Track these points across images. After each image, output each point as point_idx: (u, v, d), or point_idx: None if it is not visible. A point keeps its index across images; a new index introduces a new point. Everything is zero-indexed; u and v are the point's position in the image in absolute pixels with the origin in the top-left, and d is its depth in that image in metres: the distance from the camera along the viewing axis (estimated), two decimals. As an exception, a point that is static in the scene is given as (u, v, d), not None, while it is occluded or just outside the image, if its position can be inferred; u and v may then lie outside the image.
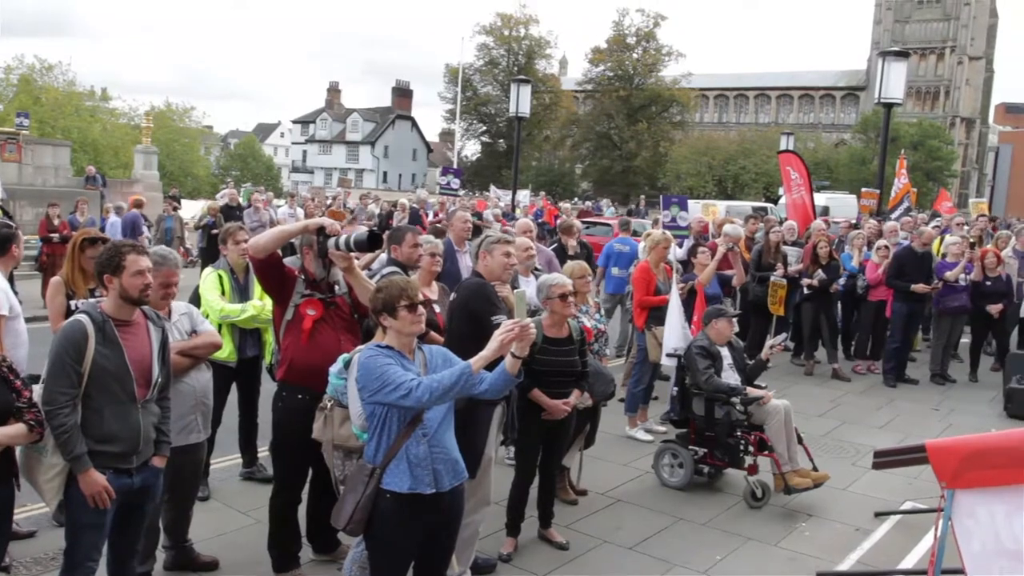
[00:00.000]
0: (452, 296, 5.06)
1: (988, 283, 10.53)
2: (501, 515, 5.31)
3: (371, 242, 4.38)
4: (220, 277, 5.80)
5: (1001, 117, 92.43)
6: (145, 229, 15.95)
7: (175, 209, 18.62)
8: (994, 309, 10.46)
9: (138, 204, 16.29)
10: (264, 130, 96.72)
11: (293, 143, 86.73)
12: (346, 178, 63.56)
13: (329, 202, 23.44)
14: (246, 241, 5.25)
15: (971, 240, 11.69)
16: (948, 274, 10.20)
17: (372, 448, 3.55)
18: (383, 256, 6.22)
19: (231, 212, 16.28)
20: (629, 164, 64.31)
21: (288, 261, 4.70)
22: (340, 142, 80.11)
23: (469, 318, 4.63)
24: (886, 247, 10.70)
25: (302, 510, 4.85)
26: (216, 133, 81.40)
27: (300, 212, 19.09)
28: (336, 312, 4.61)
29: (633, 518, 5.96)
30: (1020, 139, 75.82)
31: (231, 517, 5.62)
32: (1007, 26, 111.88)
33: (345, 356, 4.04)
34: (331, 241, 4.40)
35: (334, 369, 4.17)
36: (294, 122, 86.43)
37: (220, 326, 5.55)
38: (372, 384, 3.42)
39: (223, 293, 5.74)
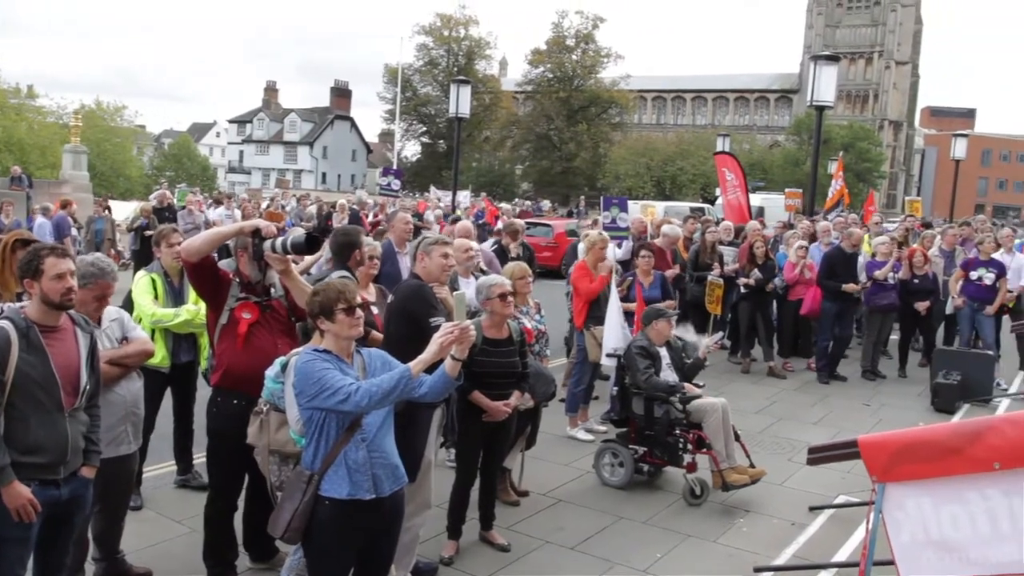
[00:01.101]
0: (390, 298, 5.02)
1: (916, 281, 10.85)
2: (442, 518, 5.29)
3: (309, 244, 4.31)
4: (153, 281, 5.66)
5: (927, 120, 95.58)
6: (73, 231, 15.48)
7: (106, 210, 18.09)
8: (921, 306, 10.78)
9: (65, 205, 15.81)
10: (199, 130, 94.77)
11: (229, 143, 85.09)
12: (284, 179, 62.68)
13: (267, 203, 23.09)
14: (180, 244, 5.13)
15: (898, 240, 12.04)
16: (877, 273, 10.48)
17: (310, 454, 3.50)
18: (322, 259, 6.15)
19: (164, 214, 15.91)
20: (569, 165, 64.77)
21: (223, 264, 4.61)
22: (278, 142, 78.88)
23: (407, 320, 4.59)
24: (804, 248, 10.97)
25: (238, 517, 4.76)
26: (149, 133, 79.43)
27: (237, 213, 18.77)
28: (272, 315, 4.53)
29: (574, 518, 5.98)
30: (945, 142, 78.16)
31: (165, 526, 5.49)
32: (931, 33, 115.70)
33: (282, 359, 3.98)
34: (267, 243, 4.33)
35: (271, 373, 4.09)
36: (230, 122, 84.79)
37: (153, 331, 5.42)
38: (310, 389, 3.37)
39: (156, 297, 5.61)
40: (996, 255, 10.79)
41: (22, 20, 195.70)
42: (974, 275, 10.60)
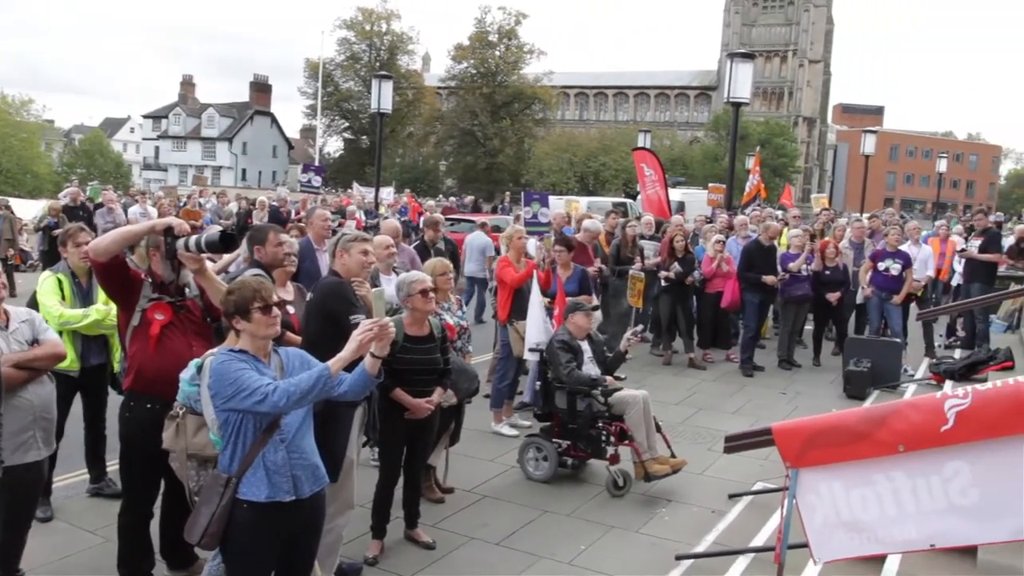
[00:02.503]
0: (308, 296, 4.94)
1: (827, 272, 11.22)
2: (366, 518, 5.25)
3: (224, 243, 4.21)
4: (59, 281, 5.45)
5: (838, 117, 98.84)
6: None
7: (4, 209, 17.28)
8: (833, 297, 11.15)
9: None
10: (112, 125, 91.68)
11: (144, 139, 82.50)
12: (201, 176, 61.04)
13: (183, 201, 22.45)
14: (87, 243, 4.94)
15: (812, 232, 12.42)
16: (791, 265, 10.80)
17: (227, 457, 3.43)
18: (240, 257, 6.01)
19: (74, 212, 15.33)
20: (493, 161, 64.78)
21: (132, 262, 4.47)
22: (195, 138, 76.79)
23: (326, 319, 4.52)
24: (720, 241, 11.24)
25: (155, 525, 4.62)
26: (58, 128, 76.60)
27: (152, 211, 18.19)
28: (186, 316, 4.41)
29: (499, 513, 6.00)
30: (855, 138, 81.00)
31: (77, 537, 5.29)
32: (842, 32, 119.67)
33: (197, 361, 3.87)
34: (180, 242, 4.21)
35: (186, 375, 3.97)
36: (145, 117, 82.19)
37: (61, 333, 5.21)
38: (225, 390, 3.30)
39: (63, 298, 5.40)
40: (903, 246, 11.23)
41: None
42: (881, 266, 11.01)
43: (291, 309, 5.00)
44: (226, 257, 7.29)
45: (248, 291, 3.43)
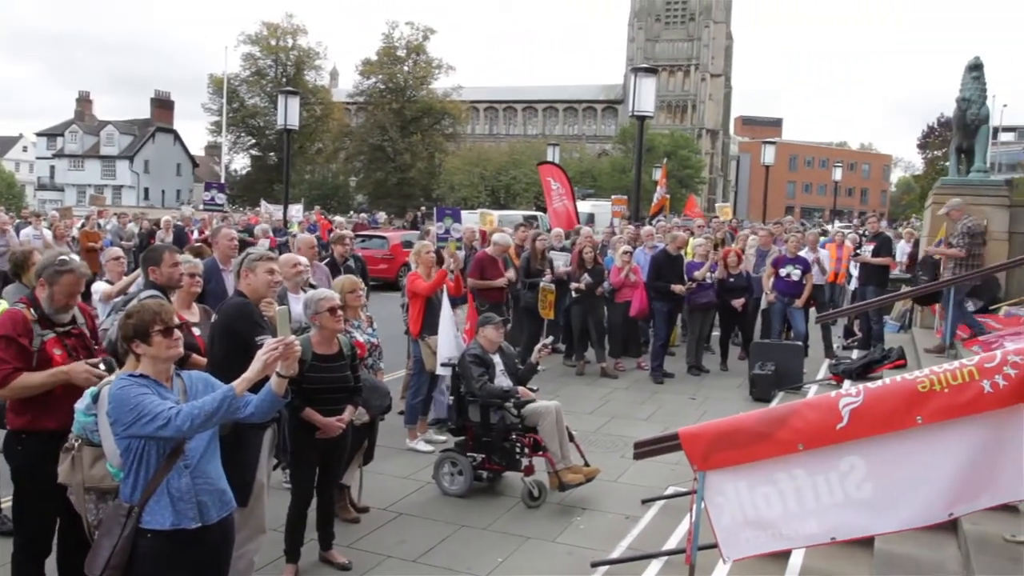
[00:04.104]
0: (213, 317, 4.83)
1: (731, 279, 11.56)
2: (279, 542, 5.15)
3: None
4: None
5: (740, 129, 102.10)
6: None
7: None
8: (737, 303, 11.49)
9: None
10: (2, 144, 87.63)
11: (39, 158, 78.93)
12: (99, 196, 58.82)
13: (82, 223, 21.59)
14: None
15: (715, 241, 12.79)
16: (696, 274, 11.08)
17: (129, 486, 3.31)
18: (141, 279, 5.84)
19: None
20: (404, 176, 64.45)
21: (8, 291, 4.27)
22: (94, 156, 73.83)
23: (232, 340, 4.42)
24: (628, 252, 11.47)
25: (52, 562, 4.42)
26: (-59, 147, 72.77)
27: (47, 234, 17.44)
28: (78, 344, 4.25)
29: (416, 530, 5.96)
30: (756, 149, 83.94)
31: (-32, 577, 5.02)
32: (741, 48, 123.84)
33: (92, 390, 3.74)
34: None
35: (80, 405, 3.82)
36: (39, 135, 78.73)
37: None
38: (126, 417, 3.19)
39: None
40: (802, 253, 11.66)
41: None
42: (783, 272, 11.42)
43: (196, 331, 4.89)
44: (125, 279, 7.08)
45: (148, 314, 3.34)
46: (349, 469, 5.88)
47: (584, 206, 26.25)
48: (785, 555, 4.77)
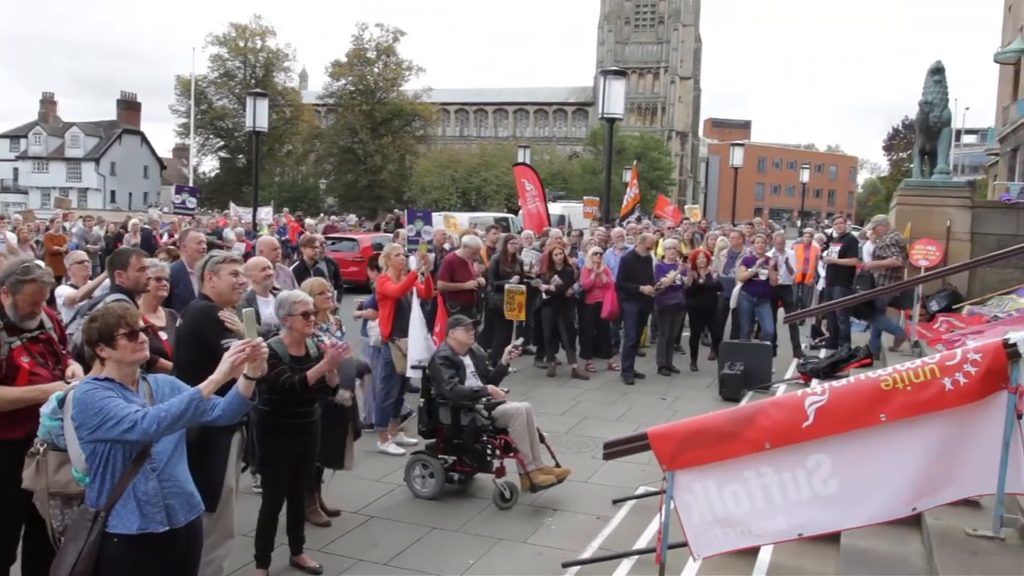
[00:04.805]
0: (179, 321, 4.78)
1: (700, 280, 11.63)
2: (248, 547, 5.11)
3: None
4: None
5: (709, 131, 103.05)
6: None
7: None
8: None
9: None
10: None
11: (1, 160, 77.54)
12: (64, 198, 57.85)
13: (47, 226, 21.26)
14: None
15: (684, 242, 12.87)
16: (664, 279, 10.99)
17: (95, 490, 3.28)
18: (107, 282, 5.77)
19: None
20: (375, 178, 64.16)
21: None
22: (59, 159, 72.70)
23: (198, 343, 4.38)
24: (598, 254, 11.51)
25: (17, 569, 4.35)
26: None
27: (11, 237, 17.16)
28: (45, 350, 4.20)
29: (387, 533, 5.95)
30: (725, 151, 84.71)
31: (-71, 587, 4.93)
32: (709, 50, 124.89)
33: (58, 394, 3.70)
34: None
35: (46, 410, 3.78)
36: (1, 137, 77.36)
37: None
38: (91, 421, 3.16)
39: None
40: (769, 253, 11.78)
41: None
42: (751, 271, 11.51)
43: (163, 335, 4.84)
44: (90, 283, 6.99)
45: (112, 317, 3.31)
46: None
47: (555, 208, 26.33)
48: (754, 552, 4.83)
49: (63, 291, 6.94)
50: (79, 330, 4.70)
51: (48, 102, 76.16)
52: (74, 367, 4.23)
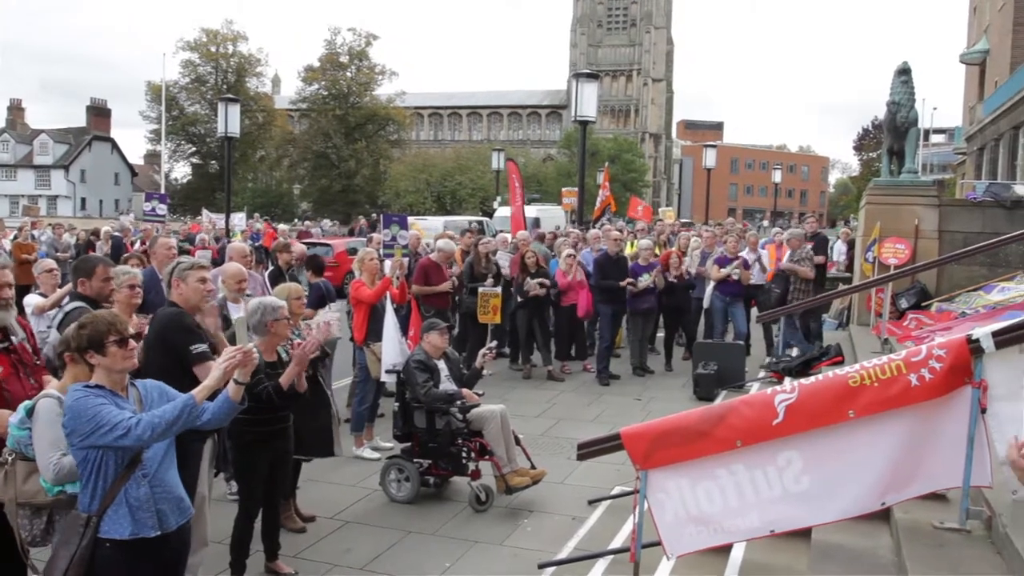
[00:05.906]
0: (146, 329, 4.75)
1: (673, 280, 11.70)
2: (222, 555, 5.08)
3: None
4: None
5: (682, 133, 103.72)
6: None
7: None
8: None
9: None
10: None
11: (-32, 167, 76.49)
12: (33, 206, 57.10)
13: (15, 234, 20.97)
14: None
15: (657, 243, 12.95)
16: (640, 284, 11.01)
17: (87, 496, 3.30)
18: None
19: None
20: (349, 183, 63.88)
21: None
22: (27, 166, 71.73)
23: (166, 351, 4.35)
24: (572, 256, 11.55)
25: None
26: None
27: (-21, 246, 16.91)
28: (18, 360, 4.15)
29: (363, 538, 5.94)
30: (698, 152, 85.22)
31: None
32: (681, 53, 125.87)
33: (27, 404, 3.68)
34: None
35: (14, 419, 3.75)
36: (-33, 145, 76.28)
37: None
38: (83, 427, 3.17)
39: None
40: (741, 253, 11.89)
41: None
42: (723, 271, 11.60)
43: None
44: (59, 291, 6.92)
45: (102, 324, 3.34)
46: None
47: (530, 210, 26.38)
48: (727, 549, 4.87)
49: (32, 300, 6.87)
50: (50, 342, 4.68)
51: (16, 108, 75.09)
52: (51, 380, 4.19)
